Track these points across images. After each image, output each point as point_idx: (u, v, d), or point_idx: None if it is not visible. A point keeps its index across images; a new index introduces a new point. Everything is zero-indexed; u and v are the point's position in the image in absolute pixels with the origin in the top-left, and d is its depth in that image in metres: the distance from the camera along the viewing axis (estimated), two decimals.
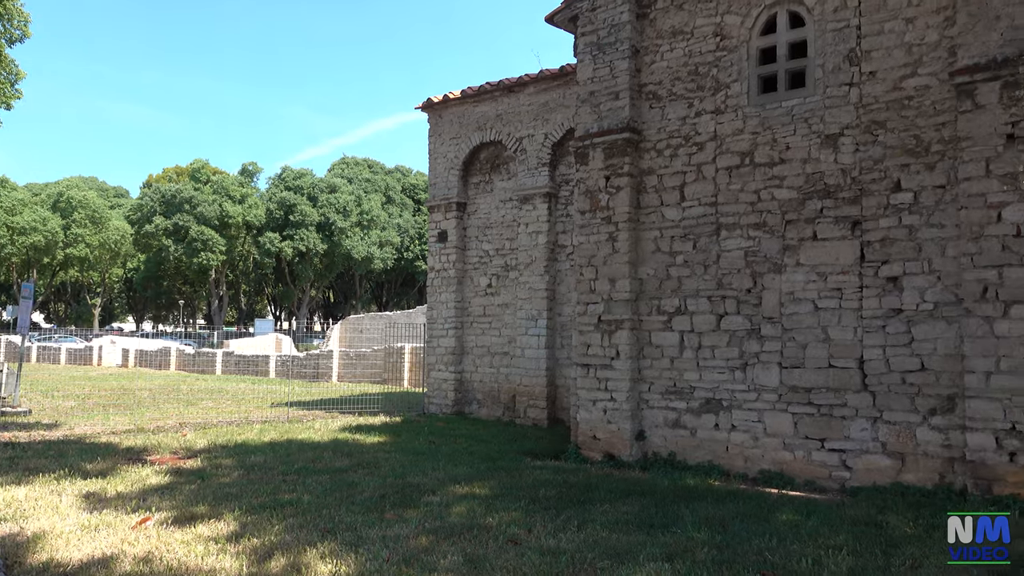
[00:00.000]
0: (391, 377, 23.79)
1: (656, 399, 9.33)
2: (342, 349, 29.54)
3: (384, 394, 18.43)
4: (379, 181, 64.09)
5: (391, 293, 69.76)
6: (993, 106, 7.18)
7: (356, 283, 66.43)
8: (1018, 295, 6.97)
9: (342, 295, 71.09)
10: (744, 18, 9.04)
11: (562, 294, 13.42)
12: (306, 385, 22.86)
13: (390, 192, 64.45)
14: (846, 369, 8.03)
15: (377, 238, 59.74)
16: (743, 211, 8.83)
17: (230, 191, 57.91)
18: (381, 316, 38.30)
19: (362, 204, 59.09)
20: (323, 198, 57.95)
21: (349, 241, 57.54)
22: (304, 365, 26.85)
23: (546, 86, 13.68)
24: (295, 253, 57.61)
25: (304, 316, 64.98)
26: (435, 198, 15.22)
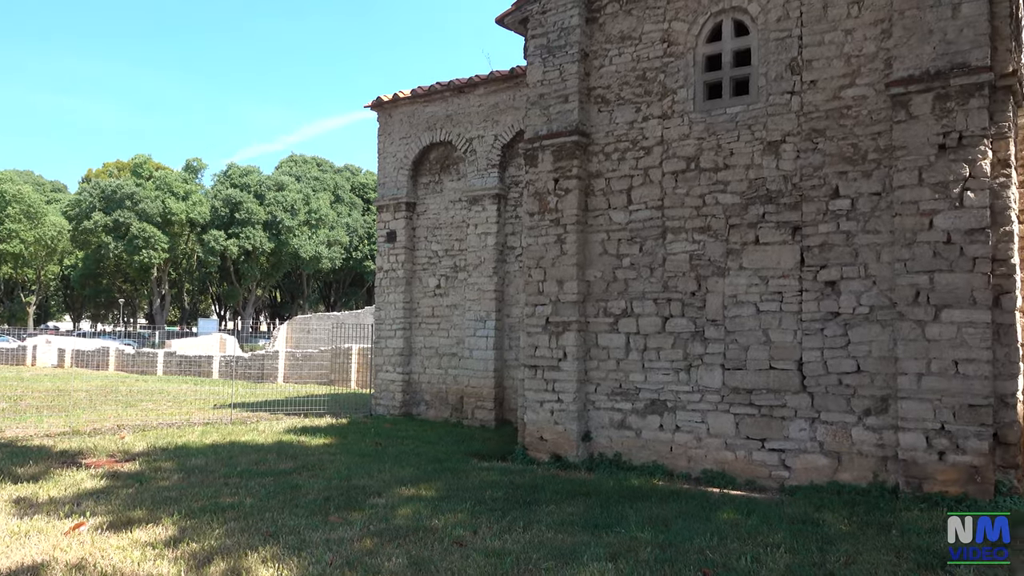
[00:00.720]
0: (338, 378, 23.53)
1: (602, 400, 9.42)
2: (288, 350, 29.11)
3: (331, 395, 18.22)
4: (328, 180, 63.34)
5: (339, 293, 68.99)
6: (926, 117, 7.44)
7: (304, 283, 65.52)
8: (948, 300, 7.23)
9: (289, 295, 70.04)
10: (691, 25, 9.19)
11: (511, 295, 13.46)
12: (251, 386, 22.47)
13: (339, 191, 63.74)
14: (786, 371, 8.22)
15: (325, 237, 59.02)
16: (689, 215, 8.98)
17: (173, 187, 56.56)
18: (329, 316, 37.85)
19: (310, 203, 58.31)
20: (270, 196, 57.02)
21: (297, 240, 56.73)
22: (249, 366, 26.37)
23: (496, 88, 13.70)
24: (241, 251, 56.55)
25: (250, 316, 63.83)
26: (384, 198, 15.11)
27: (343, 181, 65.00)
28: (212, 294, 70.76)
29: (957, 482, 7.08)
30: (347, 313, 39.68)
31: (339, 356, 23.97)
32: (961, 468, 7.09)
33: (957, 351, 7.15)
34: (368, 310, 33.26)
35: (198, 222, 57.08)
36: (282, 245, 56.72)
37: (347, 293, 69.03)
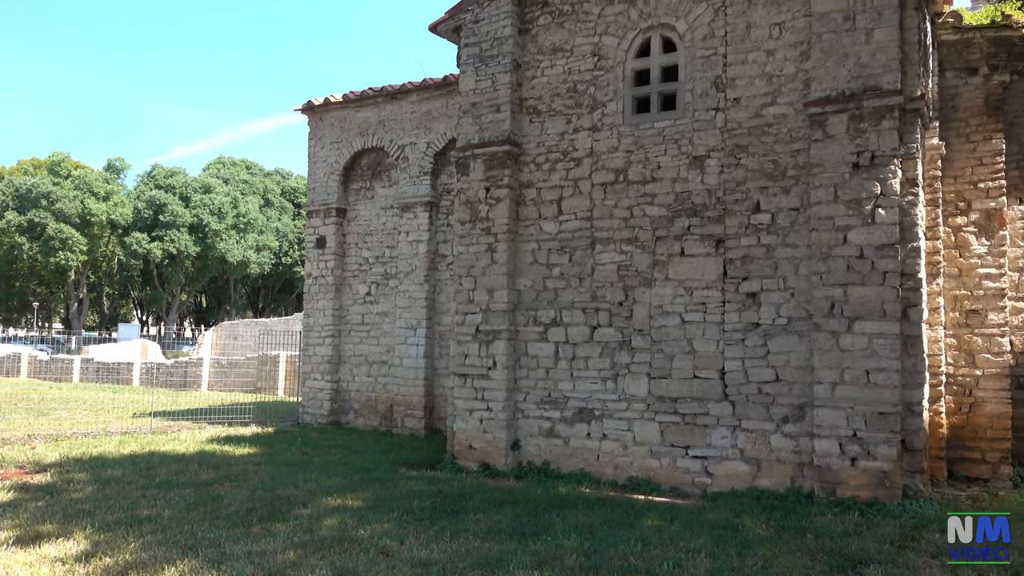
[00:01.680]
0: (265, 386, 23.03)
1: (531, 409, 9.49)
2: (214, 356, 28.36)
3: (257, 404, 17.82)
4: (257, 183, 62.01)
5: (268, 299, 67.56)
6: (841, 136, 7.76)
7: (231, 288, 63.91)
8: (860, 312, 7.55)
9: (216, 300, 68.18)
10: (621, 40, 9.38)
11: (442, 303, 13.43)
12: (173, 394, 21.78)
13: (269, 195, 62.48)
14: (709, 380, 8.44)
15: (254, 242, 57.73)
16: (617, 226, 9.14)
17: (94, 187, 54.46)
18: (257, 323, 37.03)
19: (239, 206, 56.96)
20: (197, 198, 55.49)
21: (224, 244, 55.31)
22: (172, 373, 25.58)
23: (429, 95, 13.69)
24: (165, 255, 54.80)
25: (174, 321, 61.88)
26: (314, 203, 14.91)
27: (273, 185, 63.74)
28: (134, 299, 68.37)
29: (868, 487, 7.38)
30: (276, 319, 38.88)
31: (266, 363, 23.47)
32: (872, 473, 7.40)
33: (868, 361, 7.47)
34: (298, 316, 32.67)
35: (120, 224, 55.09)
36: (208, 249, 55.21)
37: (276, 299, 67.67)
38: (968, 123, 9.57)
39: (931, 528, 6.59)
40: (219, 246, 55.13)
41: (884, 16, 7.68)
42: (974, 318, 9.31)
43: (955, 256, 9.43)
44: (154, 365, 26.63)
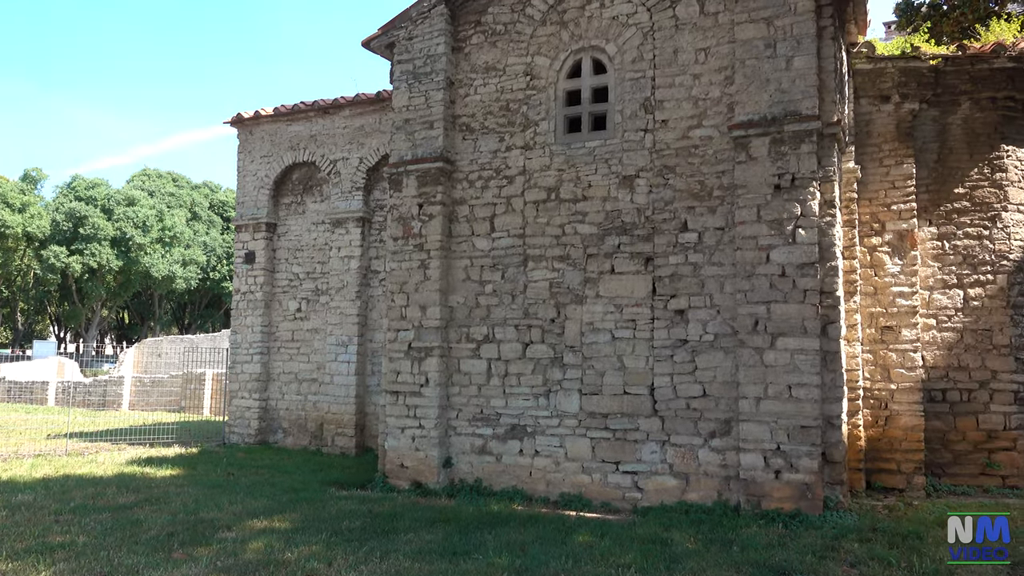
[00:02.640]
0: (190, 405, 22.35)
1: (464, 426, 9.46)
2: (136, 375, 27.38)
3: (181, 423, 17.27)
4: (184, 196, 60.35)
5: (194, 315, 65.65)
6: (764, 159, 8.04)
7: (155, 303, 61.90)
8: (783, 328, 7.80)
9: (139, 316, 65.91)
10: (552, 60, 9.52)
11: (374, 320, 13.30)
12: (91, 414, 20.92)
13: (196, 208, 60.86)
14: (639, 395, 8.58)
15: (180, 256, 56.09)
16: (549, 244, 9.24)
17: (8, 198, 52.13)
18: (182, 339, 35.92)
19: (164, 219, 55.30)
20: (120, 211, 53.65)
21: (148, 258, 53.57)
22: (90, 392, 24.58)
23: (362, 110, 13.61)
24: (85, 269, 52.74)
25: (94, 338, 59.50)
26: (243, 217, 14.61)
27: (201, 198, 62.14)
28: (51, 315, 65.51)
29: (791, 498, 7.60)
30: (202, 336, 37.81)
31: (192, 382, 22.79)
32: (795, 485, 7.62)
33: (791, 376, 7.71)
34: (226, 333, 31.83)
35: (36, 237, 52.82)
36: (132, 263, 53.38)
37: (203, 315, 65.81)
38: (881, 148, 10.03)
39: (850, 538, 6.82)
40: (143, 260, 53.39)
41: (803, 45, 8.01)
42: (889, 334, 9.71)
43: (871, 275, 9.84)
44: (71, 384, 25.55)
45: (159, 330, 62.15)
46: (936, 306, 9.96)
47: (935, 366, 9.88)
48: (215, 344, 30.78)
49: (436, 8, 9.97)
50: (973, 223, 10.02)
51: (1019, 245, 9.96)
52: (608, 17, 9.22)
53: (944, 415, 9.79)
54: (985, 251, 9.92)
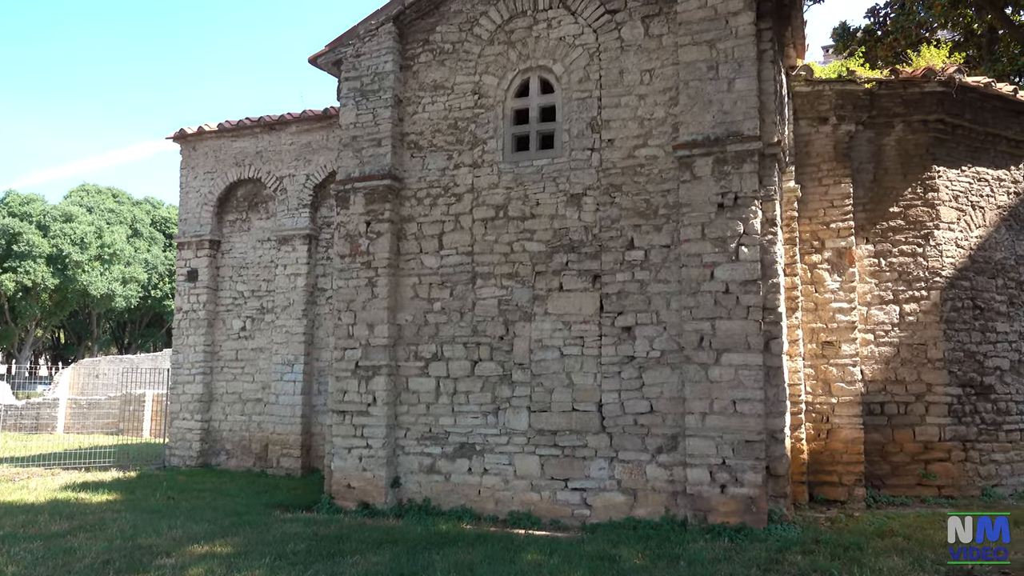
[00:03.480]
0: (130, 427, 21.68)
1: (412, 445, 9.37)
2: (72, 396, 26.45)
3: (119, 447, 16.72)
4: (125, 212, 58.82)
5: (135, 334, 63.84)
6: (707, 178, 8.20)
7: (93, 322, 60.07)
8: (728, 344, 7.93)
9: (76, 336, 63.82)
10: (501, 80, 9.58)
11: (320, 338, 13.12)
12: (23, 438, 20.13)
13: (138, 224, 59.34)
14: (587, 412, 8.61)
15: (120, 274, 54.56)
16: (498, 261, 9.25)
17: None
18: (122, 359, 34.91)
19: (103, 236, 53.79)
20: (56, 227, 52.02)
21: (86, 276, 51.97)
22: (22, 415, 23.67)
23: (309, 127, 13.49)
24: (18, 287, 50.90)
25: (27, 359, 57.39)
26: (186, 235, 14.31)
27: (142, 214, 60.64)
28: None
29: (736, 512, 7.70)
30: (143, 356, 36.80)
31: (131, 403, 22.13)
32: (740, 499, 7.72)
33: (735, 391, 7.84)
34: (167, 353, 31.02)
35: None
36: (69, 281, 51.73)
37: (144, 334, 64.04)
38: (820, 168, 10.32)
39: (794, 551, 6.93)
40: (81, 278, 51.80)
41: (744, 67, 8.22)
42: (829, 349, 9.95)
43: (811, 291, 10.09)
44: (2, 407, 24.56)
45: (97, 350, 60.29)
46: (874, 321, 10.26)
47: (873, 380, 10.15)
48: (156, 364, 29.97)
49: (384, 26, 9.97)
50: (907, 241, 10.36)
51: (951, 262, 10.33)
52: (555, 38, 9.33)
53: (883, 427, 10.05)
54: (919, 268, 10.26)
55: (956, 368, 10.13)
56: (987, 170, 11.00)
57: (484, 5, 9.73)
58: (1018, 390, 10.60)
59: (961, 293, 10.37)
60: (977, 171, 10.88)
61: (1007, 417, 10.40)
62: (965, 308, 10.36)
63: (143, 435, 21.33)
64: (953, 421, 9.97)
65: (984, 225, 10.80)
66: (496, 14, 9.64)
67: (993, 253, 10.80)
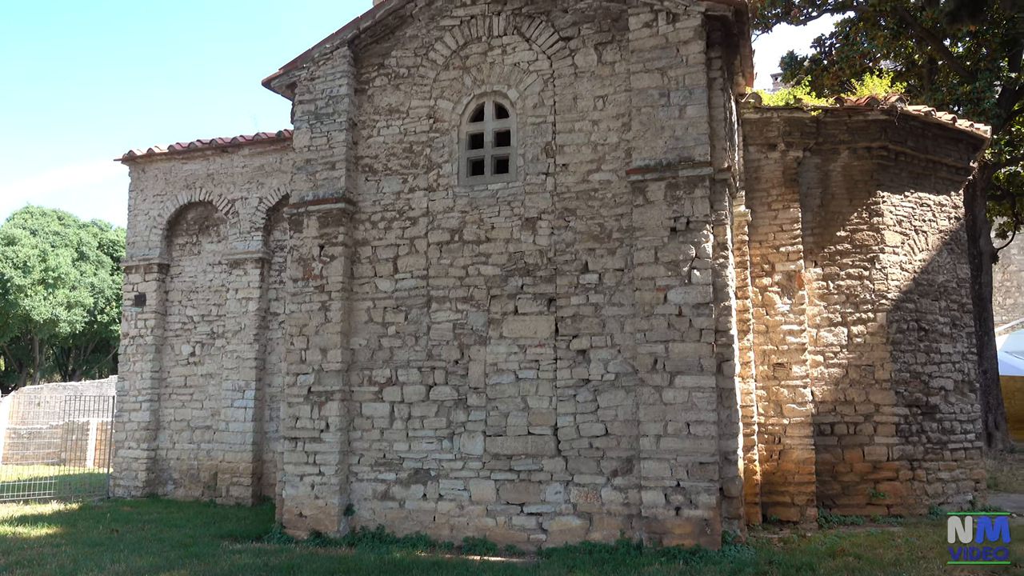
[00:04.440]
0: (73, 457, 20.98)
1: (366, 471, 9.23)
2: (11, 426, 25.52)
3: (61, 477, 16.16)
4: (71, 235, 57.36)
5: (80, 360, 62.02)
6: (660, 202, 8.31)
7: (36, 348, 58.23)
8: (681, 367, 8.00)
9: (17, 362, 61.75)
10: (456, 104, 9.62)
11: (273, 364, 12.89)
12: None
13: (84, 248, 57.89)
14: (543, 436, 8.59)
15: (65, 298, 53.06)
16: (453, 285, 9.22)
17: None
18: (65, 387, 33.84)
19: (48, 260, 52.32)
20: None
21: (29, 301, 50.44)
22: None
23: (262, 149, 13.34)
24: None
25: None
26: (133, 258, 13.99)
27: (89, 237, 59.19)
28: None
29: (691, 535, 7.72)
30: (88, 383, 35.74)
31: (74, 432, 21.43)
32: (695, 521, 7.75)
33: (689, 414, 7.90)
34: (114, 379, 30.18)
35: None
36: (10, 306, 50.13)
37: (89, 360, 62.27)
38: (770, 193, 10.55)
39: (748, 572, 6.97)
40: (23, 303, 50.25)
41: (695, 95, 8.38)
42: (780, 371, 10.11)
43: (762, 314, 10.25)
44: None
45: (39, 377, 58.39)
46: (823, 343, 10.46)
47: (824, 401, 10.33)
48: (102, 391, 29.15)
49: (339, 50, 9.95)
50: (854, 264, 10.62)
51: (896, 285, 10.61)
52: (510, 64, 9.41)
53: (833, 448, 10.22)
54: (866, 291, 10.52)
55: (903, 388, 10.37)
56: (929, 196, 11.36)
57: (440, 31, 9.78)
58: (962, 409, 10.89)
59: (906, 315, 10.64)
60: (919, 196, 11.23)
61: (952, 436, 10.67)
62: (910, 330, 10.64)
63: (87, 465, 20.65)
64: (901, 441, 10.19)
65: (927, 249, 11.13)
66: (451, 40, 9.70)
67: (936, 276, 11.13)
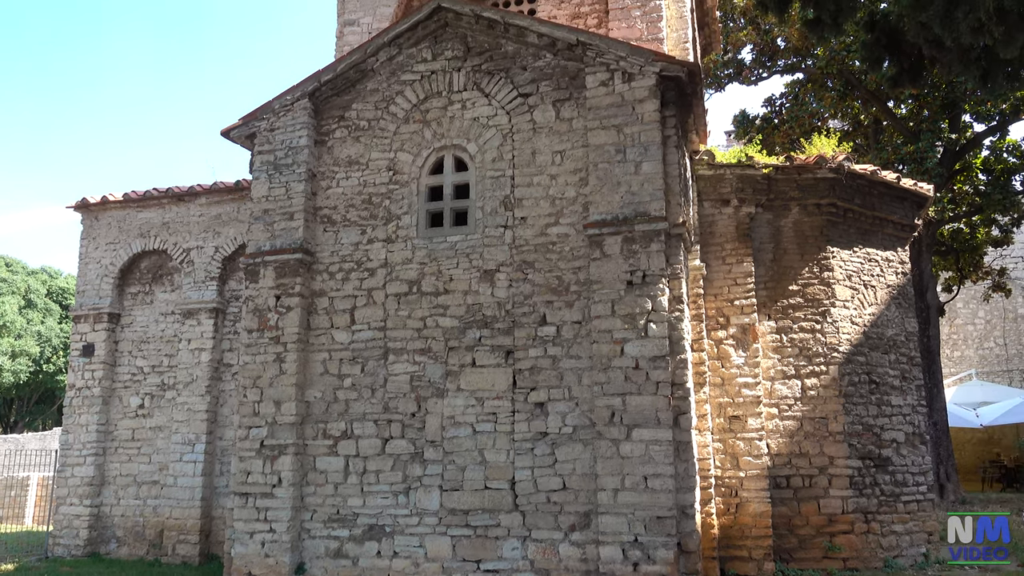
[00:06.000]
0: (11, 515, 20.06)
1: (318, 528, 8.99)
2: None
3: None
4: (19, 282, 55.88)
5: (23, 411, 59.83)
6: (617, 256, 8.42)
7: None
8: (638, 420, 8.01)
9: None
10: (415, 157, 9.70)
11: (225, 416, 12.58)
12: None
13: (32, 295, 56.37)
14: (500, 490, 8.48)
15: (9, 347, 51.43)
16: (411, 337, 9.17)
17: None
18: (6, 439, 32.61)
19: None
20: None
21: None
22: None
23: (219, 198, 13.22)
24: None
25: None
26: (83, 307, 13.65)
27: (38, 284, 57.72)
28: None
29: None
30: (30, 435, 34.49)
31: (13, 487, 20.55)
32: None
33: (646, 467, 7.89)
34: (58, 431, 29.17)
35: None
36: None
37: (32, 412, 60.08)
38: (724, 247, 10.75)
39: None
40: None
41: (650, 151, 8.57)
42: (736, 423, 10.17)
43: (718, 367, 10.35)
44: None
45: None
46: (778, 396, 10.57)
47: (779, 453, 10.40)
48: (44, 444, 28.14)
49: (300, 102, 10.00)
50: (807, 318, 10.82)
51: (847, 338, 10.82)
52: (469, 118, 9.55)
53: (789, 501, 10.25)
54: (818, 344, 10.70)
55: (855, 441, 10.49)
56: (877, 251, 11.69)
57: (400, 85, 9.91)
58: (914, 462, 11.04)
59: (857, 368, 10.84)
60: (868, 252, 11.55)
61: (905, 488, 10.78)
62: (862, 382, 10.82)
63: (25, 523, 19.76)
64: (855, 493, 10.26)
65: (876, 303, 11.40)
66: (412, 94, 9.82)
67: (885, 330, 11.39)
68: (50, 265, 62.41)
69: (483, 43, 9.66)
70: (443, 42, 9.85)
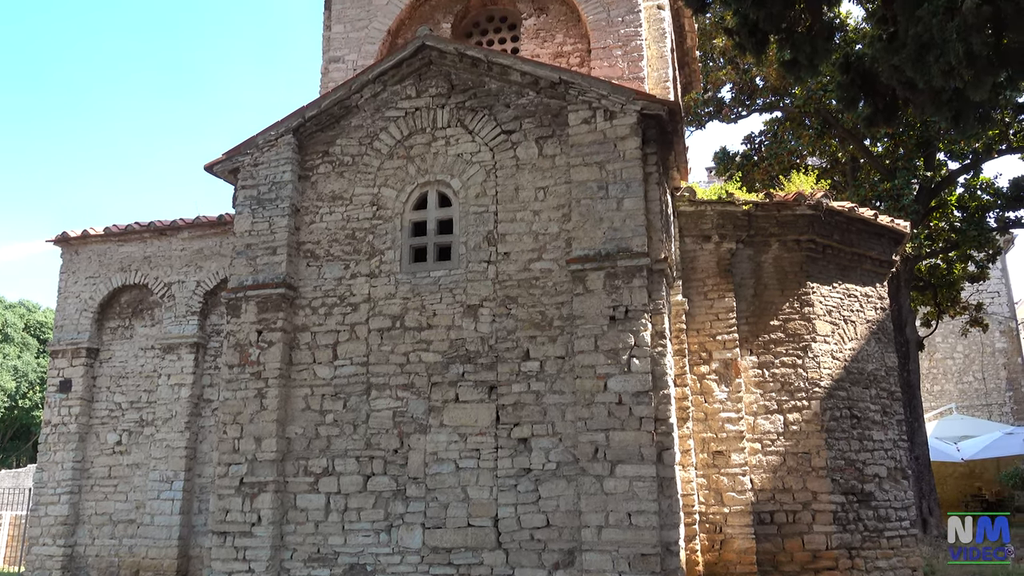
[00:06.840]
0: None
1: (298, 568, 8.84)
2: None
3: None
4: None
5: None
6: (599, 291, 8.46)
7: None
8: (622, 456, 7.99)
9: None
10: (399, 192, 9.75)
11: (204, 453, 12.40)
12: None
13: (9, 329, 55.65)
14: (483, 527, 8.40)
15: None
16: (393, 372, 9.13)
17: None
18: None
19: None
20: None
21: None
22: None
23: (202, 232, 13.19)
24: None
25: None
26: (61, 342, 13.47)
27: (16, 318, 57.03)
28: None
29: None
30: (3, 473, 33.72)
31: None
32: None
33: (630, 504, 7.85)
34: (32, 469, 28.59)
35: None
36: None
37: (7, 448, 58.90)
38: (705, 283, 10.84)
39: None
40: None
41: (632, 188, 8.68)
42: (720, 459, 10.17)
43: (701, 402, 10.37)
44: None
45: None
46: (760, 431, 10.59)
47: (763, 488, 10.38)
48: (18, 482, 27.56)
49: (284, 137, 10.05)
50: (788, 353, 10.89)
51: (828, 373, 10.89)
52: (453, 154, 9.63)
53: (773, 537, 10.21)
54: (800, 379, 10.76)
55: (838, 476, 10.50)
56: (856, 287, 11.82)
57: (385, 121, 9.99)
58: (896, 496, 11.05)
59: (839, 403, 10.89)
60: (847, 288, 11.68)
61: (888, 524, 10.77)
62: (843, 417, 10.87)
63: None
64: (839, 529, 10.24)
65: (856, 338, 11.50)
66: (396, 130, 9.91)
67: (866, 365, 11.48)
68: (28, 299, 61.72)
69: (467, 81, 9.79)
70: (427, 79, 9.97)
